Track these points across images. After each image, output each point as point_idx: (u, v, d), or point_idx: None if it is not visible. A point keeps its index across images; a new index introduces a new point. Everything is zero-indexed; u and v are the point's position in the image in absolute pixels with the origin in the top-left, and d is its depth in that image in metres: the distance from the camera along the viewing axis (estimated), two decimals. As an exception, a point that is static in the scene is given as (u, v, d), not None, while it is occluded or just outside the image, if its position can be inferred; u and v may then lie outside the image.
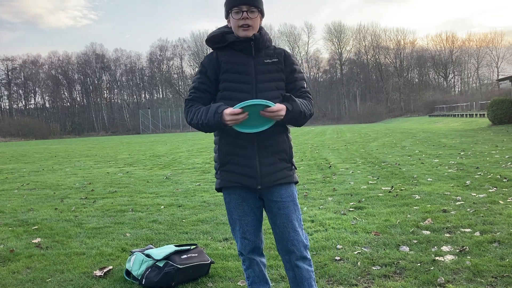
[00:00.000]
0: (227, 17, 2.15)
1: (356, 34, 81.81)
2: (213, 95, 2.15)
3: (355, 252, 3.49)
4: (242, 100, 1.98)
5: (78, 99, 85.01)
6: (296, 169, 2.24)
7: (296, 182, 2.22)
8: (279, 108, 1.96)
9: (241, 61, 2.11)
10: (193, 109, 2.09)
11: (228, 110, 1.93)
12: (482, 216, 4.36)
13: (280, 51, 2.18)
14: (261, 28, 2.16)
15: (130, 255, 3.28)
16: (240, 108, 1.92)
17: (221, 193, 2.25)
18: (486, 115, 26.10)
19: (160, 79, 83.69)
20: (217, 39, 2.16)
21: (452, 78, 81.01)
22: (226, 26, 2.19)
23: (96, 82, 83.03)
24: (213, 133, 2.20)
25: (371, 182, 7.01)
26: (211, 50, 2.22)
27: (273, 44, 2.23)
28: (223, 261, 3.44)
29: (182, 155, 15.34)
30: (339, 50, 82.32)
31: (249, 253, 2.21)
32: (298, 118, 2.05)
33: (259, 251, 2.24)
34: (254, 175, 2.09)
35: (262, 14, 2.14)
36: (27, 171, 11.96)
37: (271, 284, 2.36)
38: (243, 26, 2.07)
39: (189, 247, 3.23)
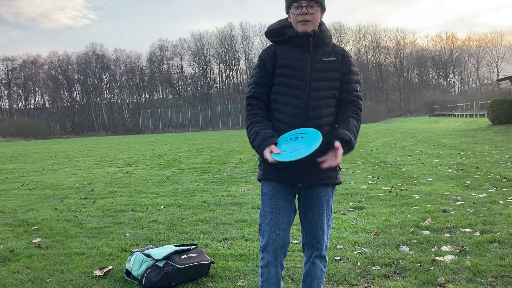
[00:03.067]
0: (287, 12, 2.13)
1: (356, 34, 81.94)
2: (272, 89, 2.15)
3: (355, 252, 3.49)
4: (294, 96, 2.05)
5: (78, 99, 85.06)
6: (340, 170, 2.22)
7: (339, 183, 2.20)
8: (338, 161, 1.99)
9: (298, 57, 2.09)
10: (250, 118, 2.10)
11: (268, 156, 1.94)
12: (482, 216, 4.37)
13: (339, 50, 2.15)
14: (321, 24, 2.13)
15: (130, 255, 3.28)
16: (276, 159, 1.92)
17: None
18: (486, 115, 26.10)
19: (160, 79, 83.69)
20: (276, 32, 2.14)
21: (452, 78, 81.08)
22: (286, 20, 2.16)
23: (96, 82, 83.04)
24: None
25: (371, 182, 7.01)
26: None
27: (332, 41, 2.19)
28: (223, 261, 3.44)
29: (182, 155, 15.34)
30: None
31: (275, 249, 2.13)
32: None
33: (285, 251, 2.18)
34: (297, 173, 2.09)
35: (323, 8, 2.10)
36: (27, 171, 11.96)
37: None
38: (302, 22, 2.05)
39: (189, 247, 3.23)
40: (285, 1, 2.11)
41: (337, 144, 1.97)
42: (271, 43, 2.20)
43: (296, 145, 1.94)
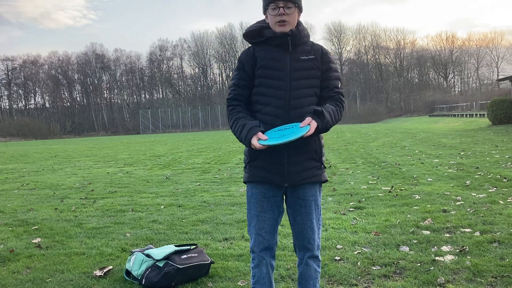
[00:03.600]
0: (265, 12, 2.15)
1: (356, 34, 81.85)
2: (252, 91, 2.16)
3: (355, 252, 3.49)
4: (275, 96, 2.06)
5: (78, 99, 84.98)
6: (325, 168, 2.23)
7: (325, 181, 2.22)
8: (311, 131, 1.95)
9: (277, 57, 2.10)
10: (233, 116, 2.12)
11: (255, 143, 1.96)
12: (482, 216, 4.37)
13: (317, 48, 2.16)
14: (299, 23, 2.14)
15: (130, 255, 3.28)
16: (266, 145, 1.93)
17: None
18: (486, 115, 26.09)
19: (160, 79, 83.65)
20: (255, 34, 2.16)
21: (452, 78, 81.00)
22: (264, 21, 2.18)
23: (96, 82, 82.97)
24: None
25: (371, 182, 7.01)
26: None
27: (310, 40, 2.21)
28: (223, 261, 3.44)
29: (182, 155, 15.34)
30: (339, 50, 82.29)
31: (261, 251, 2.18)
32: (323, 132, 2.08)
33: (272, 252, 2.22)
34: (282, 173, 2.10)
35: (300, 9, 2.12)
36: (27, 171, 11.96)
37: None
38: (280, 22, 2.07)
39: (189, 247, 3.23)
40: (263, 2, 2.13)
41: (308, 117, 1.98)
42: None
43: (284, 132, 1.97)
